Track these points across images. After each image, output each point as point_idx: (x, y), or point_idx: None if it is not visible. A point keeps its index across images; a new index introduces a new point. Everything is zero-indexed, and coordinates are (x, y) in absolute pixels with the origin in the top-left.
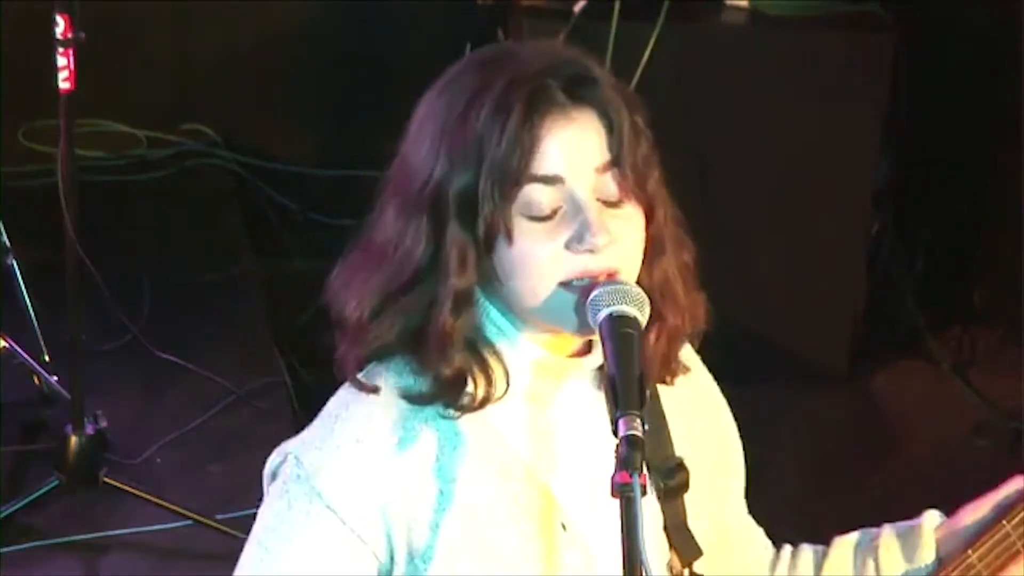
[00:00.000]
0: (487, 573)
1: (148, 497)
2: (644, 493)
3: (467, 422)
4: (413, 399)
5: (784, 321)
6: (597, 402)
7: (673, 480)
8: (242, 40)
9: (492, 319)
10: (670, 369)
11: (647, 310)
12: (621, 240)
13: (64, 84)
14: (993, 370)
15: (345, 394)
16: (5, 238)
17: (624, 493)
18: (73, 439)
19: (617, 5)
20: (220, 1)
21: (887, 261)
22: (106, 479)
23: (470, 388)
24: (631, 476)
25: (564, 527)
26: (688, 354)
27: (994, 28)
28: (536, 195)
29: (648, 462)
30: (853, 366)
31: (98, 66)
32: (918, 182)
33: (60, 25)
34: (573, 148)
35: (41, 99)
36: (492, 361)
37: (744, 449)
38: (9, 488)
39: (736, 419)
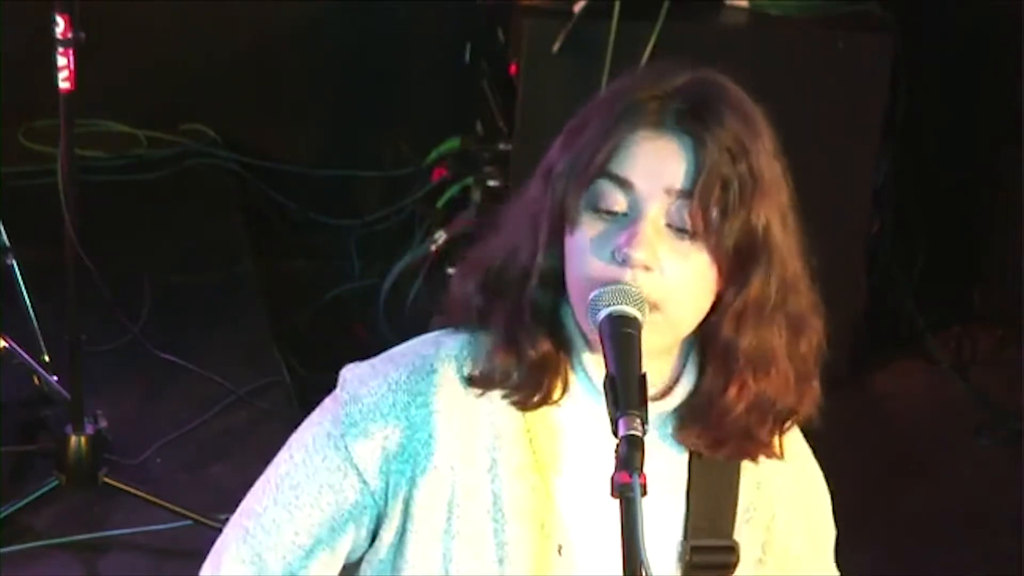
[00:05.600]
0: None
1: (148, 497)
2: (644, 493)
3: (510, 413)
4: (481, 382)
5: None
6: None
7: (706, 558)
8: (242, 40)
9: (566, 316)
10: (755, 443)
11: (647, 310)
12: (667, 272)
13: (64, 84)
14: (993, 370)
15: (419, 341)
16: (5, 238)
17: (624, 493)
18: (73, 439)
19: (617, 5)
20: (220, 1)
21: (887, 261)
22: (106, 479)
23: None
24: (631, 476)
25: (560, 550)
26: (800, 453)
27: (994, 28)
28: (604, 190)
29: (694, 528)
30: (853, 366)
31: (98, 66)
32: (918, 182)
33: (60, 25)
34: (652, 161)
35: (41, 99)
36: (563, 363)
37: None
38: (9, 488)
39: None
